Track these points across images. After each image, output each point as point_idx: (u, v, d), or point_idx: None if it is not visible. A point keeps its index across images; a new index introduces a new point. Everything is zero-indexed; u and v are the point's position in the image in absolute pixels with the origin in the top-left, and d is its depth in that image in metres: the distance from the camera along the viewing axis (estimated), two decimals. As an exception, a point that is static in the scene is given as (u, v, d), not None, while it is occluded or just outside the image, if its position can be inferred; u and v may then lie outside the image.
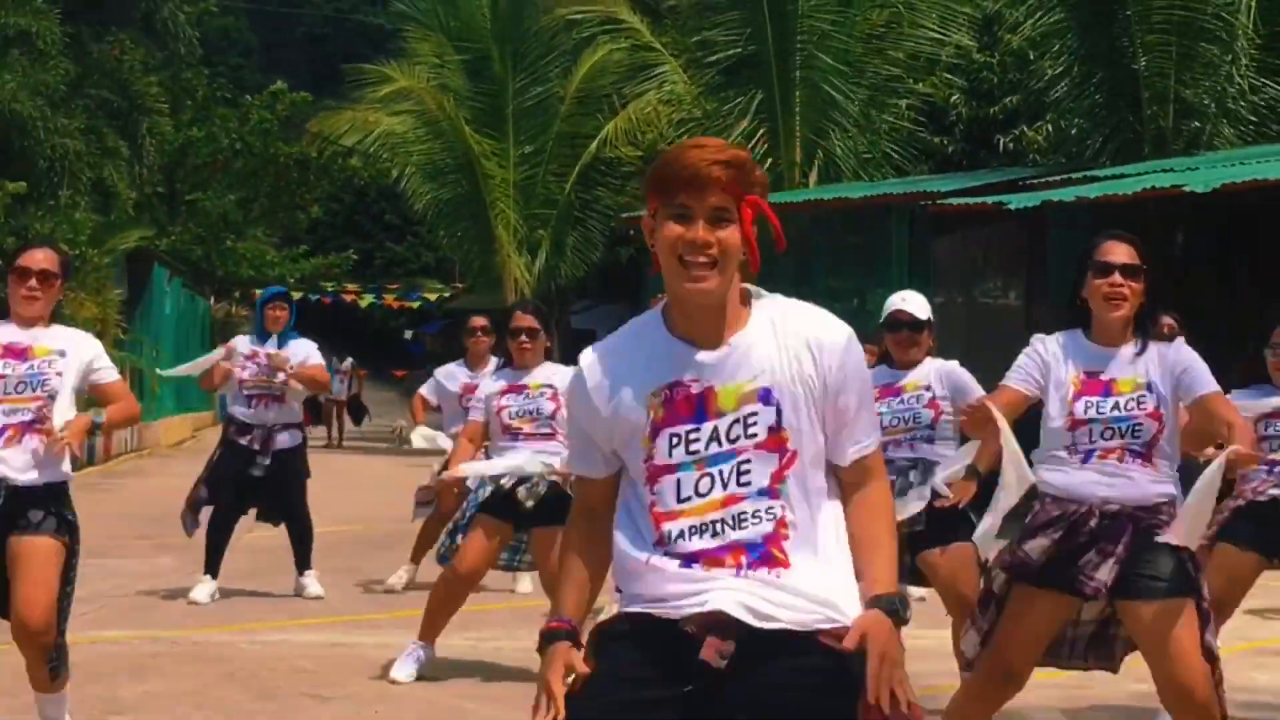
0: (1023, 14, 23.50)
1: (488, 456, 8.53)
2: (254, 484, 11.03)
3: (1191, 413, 5.62)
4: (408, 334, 63.85)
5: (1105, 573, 5.28)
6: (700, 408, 3.37)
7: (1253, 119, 21.39)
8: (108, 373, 6.56)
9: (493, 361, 9.88)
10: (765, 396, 3.36)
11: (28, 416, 6.16)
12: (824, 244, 21.92)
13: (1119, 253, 5.48)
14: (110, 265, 26.19)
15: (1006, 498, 5.50)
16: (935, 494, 7.02)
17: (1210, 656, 5.36)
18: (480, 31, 30.14)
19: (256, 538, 12.26)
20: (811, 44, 24.68)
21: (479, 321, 11.47)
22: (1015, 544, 5.52)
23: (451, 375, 11.37)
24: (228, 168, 40.77)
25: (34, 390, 6.17)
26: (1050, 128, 24.71)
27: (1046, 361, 5.59)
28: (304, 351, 11.14)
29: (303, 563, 11.27)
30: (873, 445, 3.48)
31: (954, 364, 7.69)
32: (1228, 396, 6.01)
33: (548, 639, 3.47)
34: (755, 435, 3.36)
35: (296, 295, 22.75)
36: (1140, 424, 5.43)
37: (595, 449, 3.52)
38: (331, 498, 13.87)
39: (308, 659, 8.75)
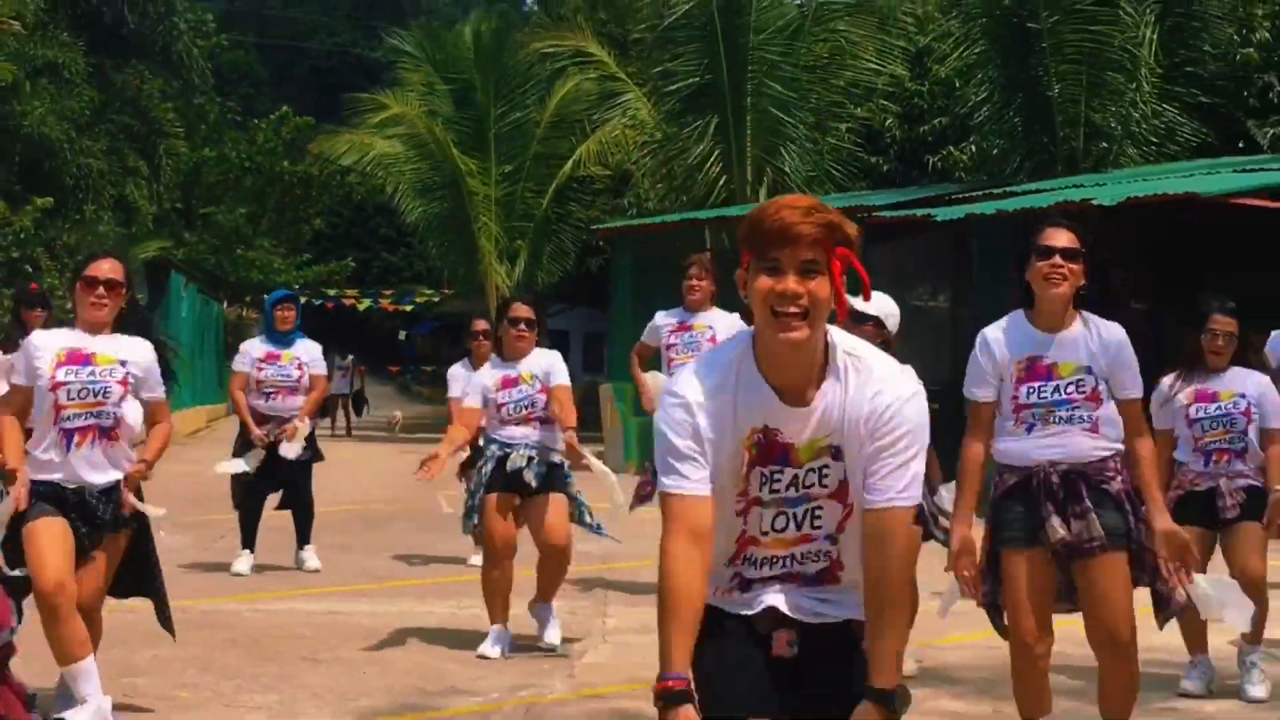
0: (949, 47, 23.89)
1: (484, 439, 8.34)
2: (274, 465, 10.92)
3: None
4: (401, 334, 63.87)
5: (1095, 528, 5.26)
6: (784, 454, 3.30)
7: (1154, 140, 21.72)
8: (158, 391, 6.44)
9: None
10: (835, 453, 3.31)
11: (93, 421, 6.09)
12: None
13: (1060, 237, 5.42)
14: (132, 272, 26.16)
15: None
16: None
17: (1161, 601, 5.43)
18: (465, 63, 30.09)
19: (265, 517, 12.27)
20: (762, 73, 24.66)
21: (481, 325, 11.06)
22: (989, 519, 5.56)
23: (456, 376, 11.02)
24: (238, 185, 40.77)
25: (96, 396, 6.05)
26: (974, 148, 24.90)
27: (994, 356, 5.52)
28: (310, 354, 11.10)
29: (303, 538, 11.19)
30: (908, 502, 3.25)
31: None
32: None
33: (668, 700, 3.18)
34: (827, 485, 3.33)
35: (301, 299, 22.63)
36: (1078, 406, 5.38)
37: (706, 464, 3.29)
38: (330, 481, 13.79)
39: (305, 626, 8.68)
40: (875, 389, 3.24)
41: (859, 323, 7.03)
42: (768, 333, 3.20)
